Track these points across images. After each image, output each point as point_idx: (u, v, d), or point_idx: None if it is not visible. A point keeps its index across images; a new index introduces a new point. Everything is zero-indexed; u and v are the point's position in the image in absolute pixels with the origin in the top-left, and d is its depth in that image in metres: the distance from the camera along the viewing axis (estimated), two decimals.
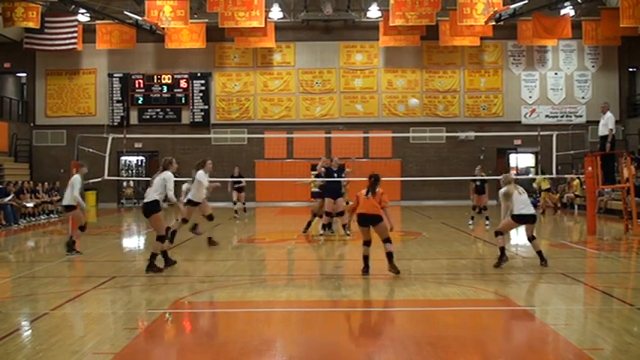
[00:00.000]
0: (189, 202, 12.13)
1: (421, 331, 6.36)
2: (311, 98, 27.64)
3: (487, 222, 16.28)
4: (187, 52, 26.90)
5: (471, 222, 16.71)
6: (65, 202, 11.71)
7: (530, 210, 9.71)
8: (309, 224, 14.64)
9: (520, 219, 9.73)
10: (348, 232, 13.48)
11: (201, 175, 12.11)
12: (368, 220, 9.11)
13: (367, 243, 9.26)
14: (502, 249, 9.84)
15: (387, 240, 9.05)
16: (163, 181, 9.62)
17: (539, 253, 9.82)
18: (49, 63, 27.53)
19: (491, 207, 17.29)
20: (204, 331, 6.65)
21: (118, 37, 26.15)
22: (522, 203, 9.68)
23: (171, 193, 9.62)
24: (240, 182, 19.96)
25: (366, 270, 9.20)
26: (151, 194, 9.61)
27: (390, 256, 9.07)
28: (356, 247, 12.81)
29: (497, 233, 9.96)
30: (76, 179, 11.58)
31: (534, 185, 23.07)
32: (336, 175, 13.89)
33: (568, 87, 27.58)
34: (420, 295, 7.97)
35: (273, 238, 14.92)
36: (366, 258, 9.28)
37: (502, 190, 9.88)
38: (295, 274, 9.66)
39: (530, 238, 9.88)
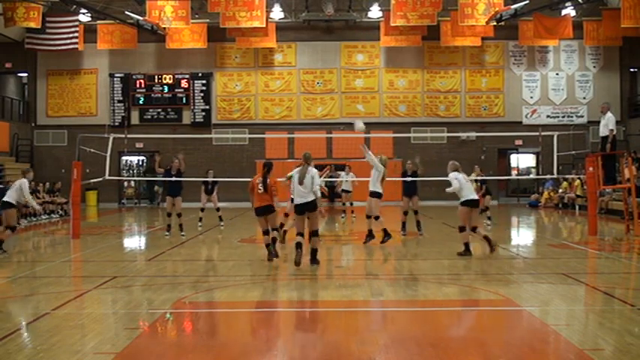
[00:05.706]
0: None
1: (422, 331, 6.34)
2: (312, 98, 27.64)
3: (489, 222, 16.40)
4: (188, 52, 26.93)
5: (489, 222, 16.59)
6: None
7: (475, 195, 11.15)
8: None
9: (470, 203, 10.91)
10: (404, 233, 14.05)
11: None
12: (261, 212, 10.29)
13: (266, 232, 10.42)
14: (467, 244, 10.86)
15: (275, 229, 10.59)
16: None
17: (486, 237, 11.03)
18: (50, 63, 27.54)
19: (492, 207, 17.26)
20: (204, 331, 6.65)
21: (119, 37, 26.18)
22: (469, 190, 10.99)
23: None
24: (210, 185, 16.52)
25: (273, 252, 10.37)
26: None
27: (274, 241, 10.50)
28: (357, 247, 12.82)
29: (462, 229, 10.93)
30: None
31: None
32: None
33: (569, 87, 27.56)
34: (421, 295, 7.96)
35: None
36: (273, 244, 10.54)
37: (454, 175, 10.95)
38: (296, 274, 9.65)
39: (474, 229, 10.99)
